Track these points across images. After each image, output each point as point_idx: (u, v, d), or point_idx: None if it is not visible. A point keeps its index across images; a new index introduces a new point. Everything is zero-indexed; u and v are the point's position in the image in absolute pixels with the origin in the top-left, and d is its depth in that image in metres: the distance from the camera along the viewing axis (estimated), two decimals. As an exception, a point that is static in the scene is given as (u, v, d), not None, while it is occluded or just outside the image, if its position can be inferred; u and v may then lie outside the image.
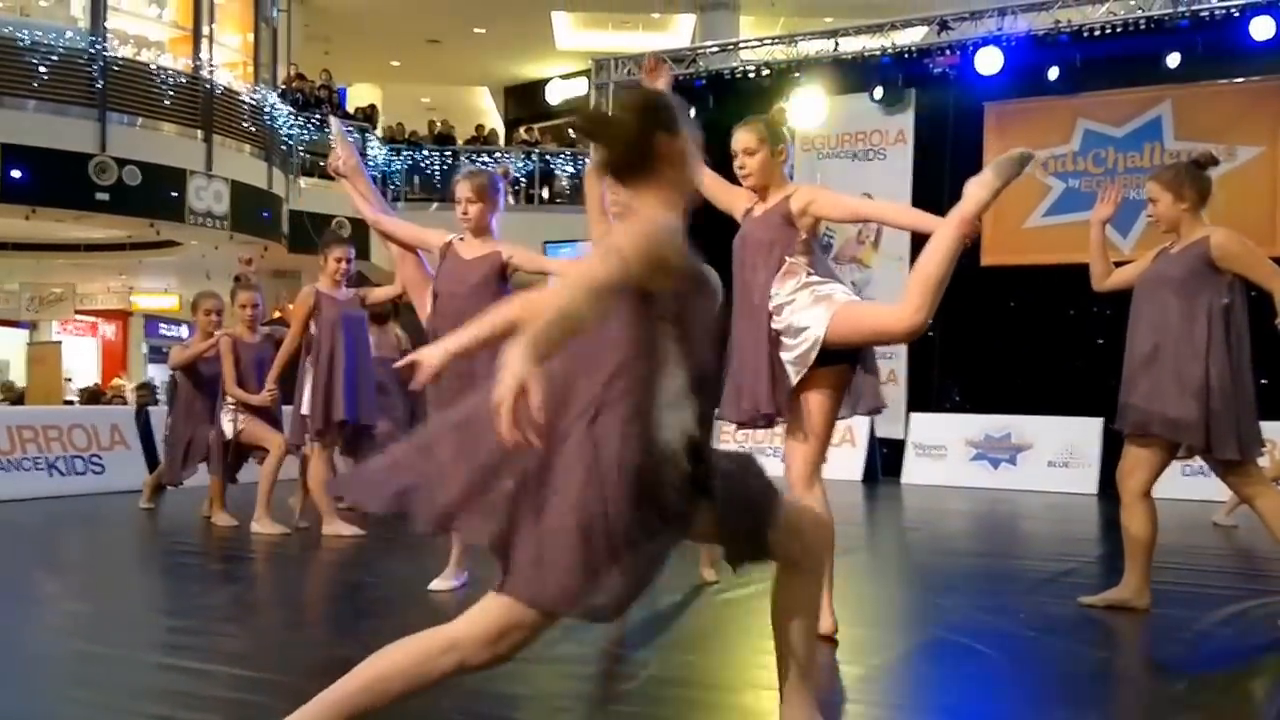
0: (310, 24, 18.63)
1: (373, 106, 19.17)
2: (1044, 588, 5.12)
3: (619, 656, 3.90)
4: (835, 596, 3.98)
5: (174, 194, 13.98)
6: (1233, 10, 10.14)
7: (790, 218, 3.87)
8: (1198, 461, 4.97)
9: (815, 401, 3.81)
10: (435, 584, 4.85)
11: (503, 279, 4.73)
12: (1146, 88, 10.61)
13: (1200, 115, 10.42)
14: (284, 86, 16.81)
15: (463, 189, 4.76)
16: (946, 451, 10.63)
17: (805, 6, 17.31)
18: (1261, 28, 9.79)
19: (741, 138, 4.00)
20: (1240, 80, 10.34)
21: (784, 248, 3.85)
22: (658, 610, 4.67)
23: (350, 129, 17.18)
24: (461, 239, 4.81)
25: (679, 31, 18.97)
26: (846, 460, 10.48)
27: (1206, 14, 10.29)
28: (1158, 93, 10.58)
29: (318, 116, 16.80)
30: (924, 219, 3.70)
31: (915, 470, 10.71)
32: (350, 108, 18.86)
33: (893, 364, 10.96)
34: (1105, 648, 4.08)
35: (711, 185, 4.07)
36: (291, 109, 16.34)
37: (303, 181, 16.57)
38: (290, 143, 16.32)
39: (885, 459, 10.90)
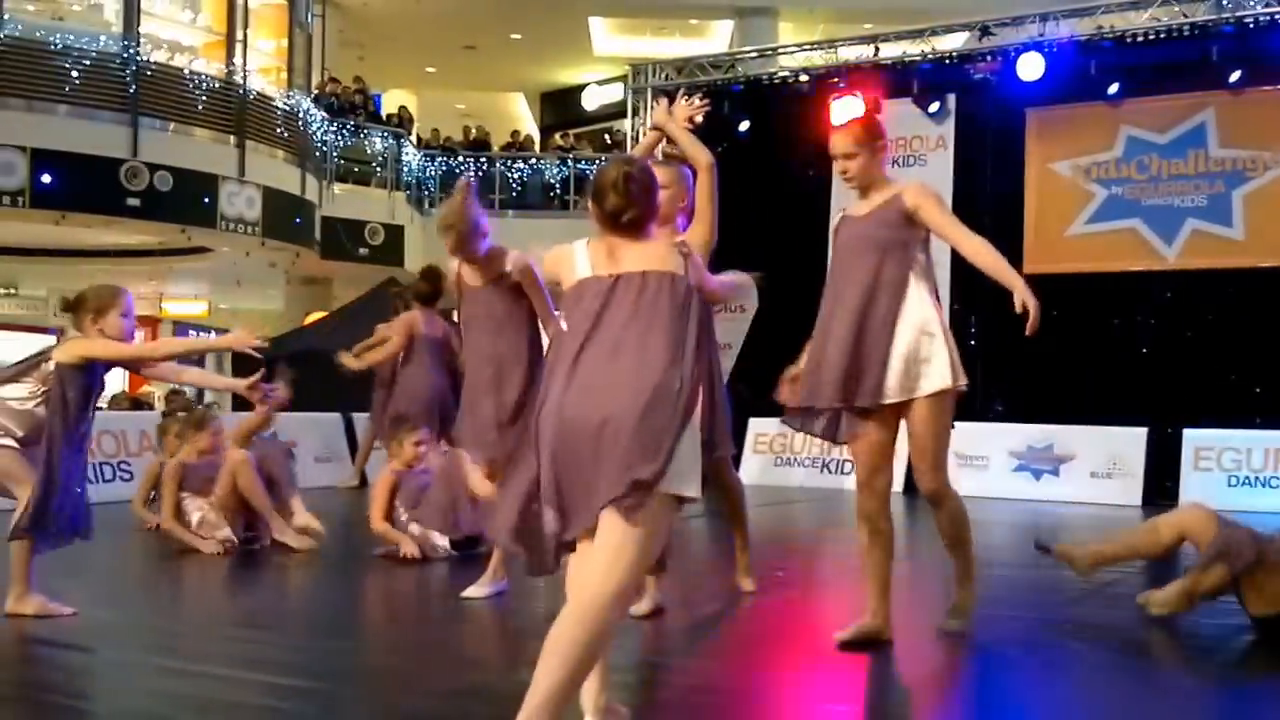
0: (345, 30, 18.70)
1: (405, 110, 19.19)
2: (1088, 599, 4.99)
3: (657, 665, 3.82)
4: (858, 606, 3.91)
5: (206, 200, 14.01)
6: (1276, 16, 9.93)
7: (908, 215, 3.88)
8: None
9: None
10: (471, 591, 4.80)
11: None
12: (1190, 94, 10.40)
13: (1245, 122, 10.21)
14: (318, 92, 16.86)
15: None
16: (988, 462, 10.45)
17: (844, 12, 17.20)
18: (1309, 33, 9.58)
19: (838, 143, 4.03)
20: (1287, 86, 10.13)
21: (904, 247, 3.87)
22: (694, 619, 4.58)
23: (385, 134, 17.24)
24: None
25: (717, 37, 18.90)
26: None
27: (1251, 20, 10.08)
28: (1202, 99, 10.37)
29: (352, 123, 16.85)
30: (1002, 269, 3.75)
31: (957, 481, 10.52)
32: (384, 114, 18.90)
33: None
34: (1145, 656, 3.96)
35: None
36: (326, 115, 16.38)
37: (336, 188, 16.60)
38: (324, 149, 16.35)
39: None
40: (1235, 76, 10.02)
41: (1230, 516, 4.50)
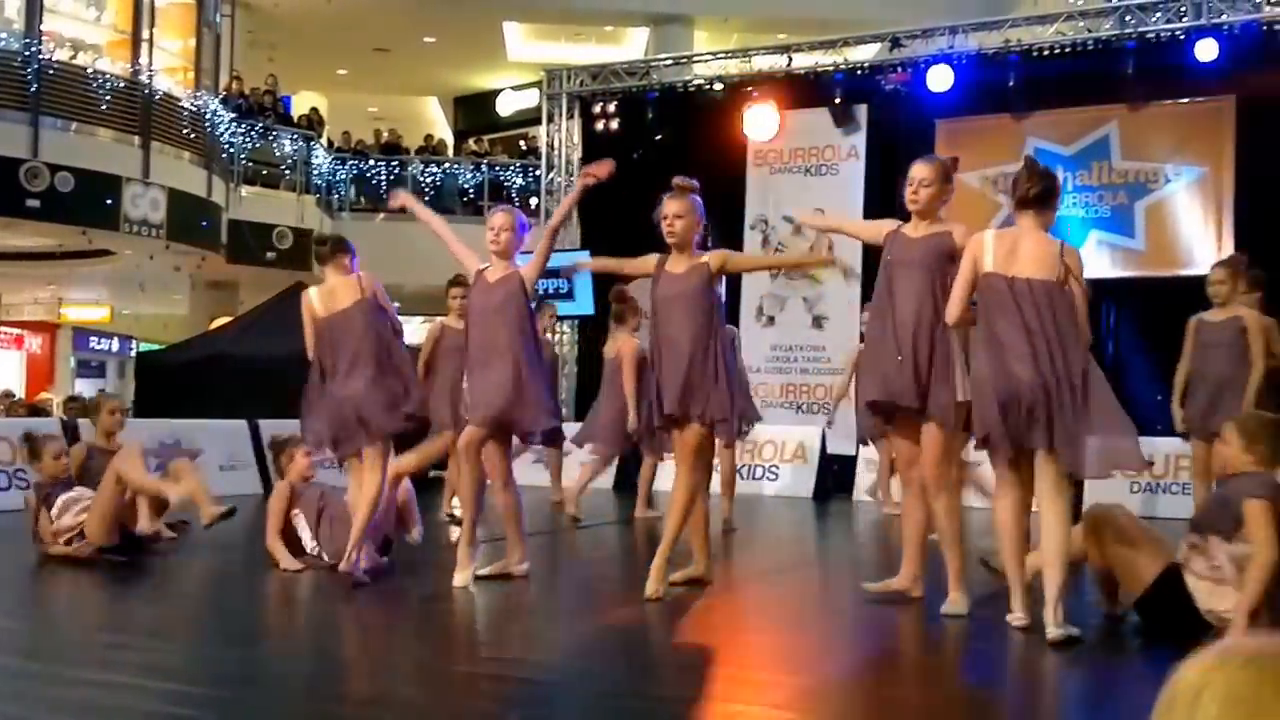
0: (254, 30, 18.30)
1: (316, 112, 18.84)
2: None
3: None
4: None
5: (108, 201, 13.57)
6: (1178, 33, 10.24)
7: (954, 253, 4.56)
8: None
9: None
10: (458, 579, 5.14)
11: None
12: (1094, 107, 10.68)
13: (1146, 135, 10.51)
14: (225, 93, 16.47)
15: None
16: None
17: (759, 22, 17.34)
18: (1205, 50, 9.89)
19: (920, 171, 4.72)
20: (1185, 101, 10.45)
21: (941, 276, 4.57)
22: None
23: (295, 136, 16.91)
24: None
25: (632, 44, 18.91)
26: (798, 477, 10.40)
27: (1153, 35, 10.39)
28: (1105, 112, 10.65)
29: (261, 124, 16.48)
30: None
31: (868, 486, 10.63)
32: (294, 116, 18.54)
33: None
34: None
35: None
36: (233, 116, 16.01)
37: (243, 190, 16.22)
38: (231, 150, 15.98)
39: (836, 475, 10.80)
40: (1136, 91, 10.31)
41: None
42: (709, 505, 5.43)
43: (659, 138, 12.11)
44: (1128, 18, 10.58)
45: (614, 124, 12.46)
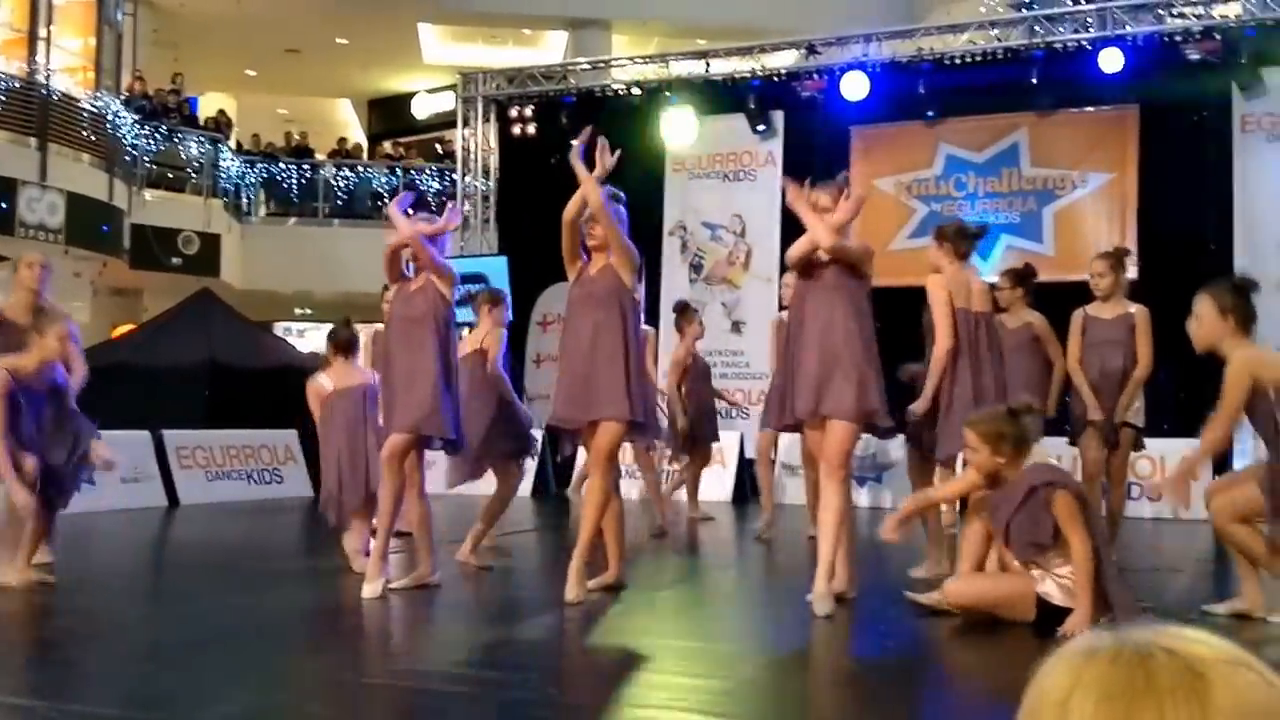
0: (159, 29, 17.78)
1: (224, 113, 18.39)
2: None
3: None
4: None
5: (3, 205, 13.06)
6: (1084, 43, 10.47)
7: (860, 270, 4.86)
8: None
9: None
10: (368, 590, 5.04)
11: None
12: (1004, 115, 10.87)
13: (1054, 142, 10.73)
14: (128, 94, 15.98)
15: None
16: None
17: (678, 27, 17.36)
18: (1110, 60, 10.12)
19: (821, 198, 4.89)
20: (1091, 109, 10.69)
21: (849, 293, 4.82)
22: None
23: (201, 138, 16.48)
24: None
25: (550, 48, 18.79)
26: (716, 481, 10.38)
27: (1060, 45, 10.61)
28: (1015, 120, 10.84)
29: (165, 126, 16.02)
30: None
31: (785, 490, 10.66)
32: (201, 117, 18.08)
33: (761, 384, 10.91)
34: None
35: None
36: (136, 117, 15.53)
37: (147, 194, 15.73)
38: (134, 153, 15.50)
39: (754, 479, 10.79)
40: (1044, 100, 10.52)
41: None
42: (623, 509, 5.36)
43: (574, 140, 12.01)
44: (1036, 28, 10.79)
45: (530, 128, 12.36)
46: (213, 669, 3.95)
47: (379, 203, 17.37)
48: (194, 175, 16.26)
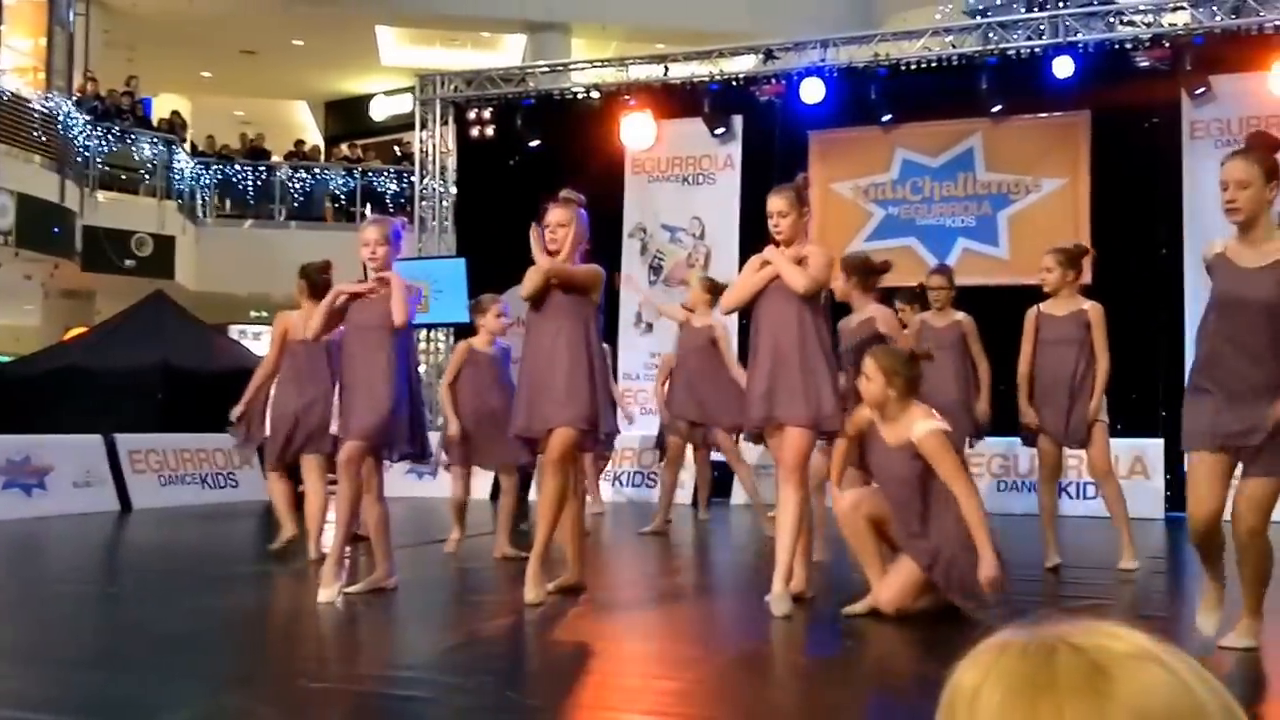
0: (111, 30, 17.57)
1: (178, 115, 18.18)
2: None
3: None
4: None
5: (-48, 207, 12.87)
6: (1037, 50, 10.60)
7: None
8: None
9: None
10: (324, 595, 4.98)
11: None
12: (959, 120, 10.97)
13: (1008, 148, 10.85)
14: (80, 95, 15.77)
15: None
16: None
17: (636, 31, 17.40)
18: (1062, 66, 10.26)
19: (778, 204, 4.86)
20: (1044, 115, 10.82)
21: (806, 300, 4.77)
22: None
23: (155, 139, 16.30)
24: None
25: (509, 51, 18.77)
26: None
27: (1013, 52, 10.74)
28: (969, 126, 10.95)
29: (118, 127, 15.82)
30: None
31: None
32: (155, 119, 17.86)
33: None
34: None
35: None
36: (89, 118, 15.33)
37: (100, 195, 15.52)
38: (86, 154, 15.29)
39: (715, 481, 10.79)
40: (998, 106, 10.65)
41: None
42: (583, 511, 5.37)
43: (534, 145, 12.03)
44: (990, 35, 10.92)
45: (489, 130, 12.33)
46: (165, 674, 3.90)
47: (336, 204, 17.27)
48: (148, 177, 16.08)
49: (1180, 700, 0.72)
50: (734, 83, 11.68)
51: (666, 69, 12.11)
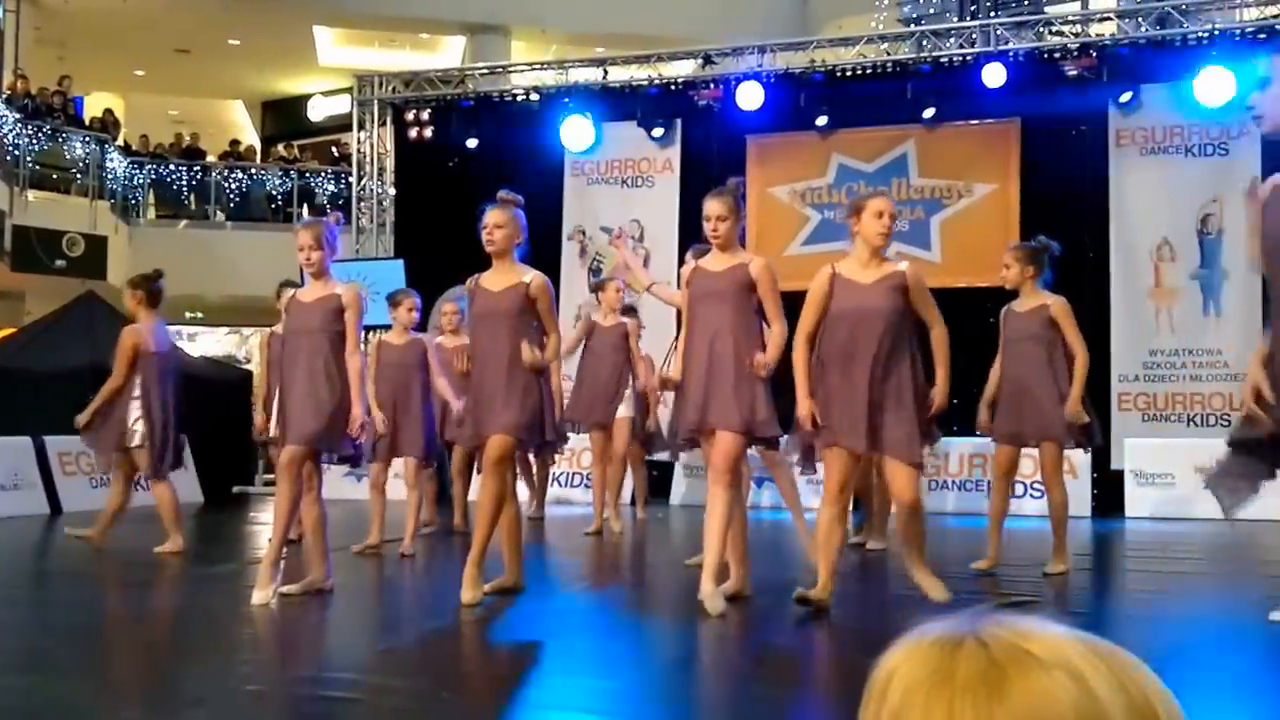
0: (42, 27, 17.22)
1: (111, 114, 17.87)
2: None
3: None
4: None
5: (-125, 206, 12.55)
6: (968, 58, 10.82)
7: (752, 285, 4.84)
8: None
9: None
10: (258, 597, 4.99)
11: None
12: (893, 127, 11.17)
13: (940, 154, 11.06)
14: (9, 93, 15.44)
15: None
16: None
17: (576, 35, 17.42)
18: (993, 75, 10.48)
19: (715, 208, 4.88)
20: (976, 122, 11.05)
21: (742, 307, 4.84)
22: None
23: (87, 138, 16.02)
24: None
25: (448, 52, 18.70)
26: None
27: (946, 60, 10.95)
28: (903, 132, 11.15)
29: (49, 126, 15.52)
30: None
31: (681, 492, 10.81)
32: (87, 117, 17.55)
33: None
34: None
35: None
36: (18, 116, 15.02)
37: (30, 195, 15.21)
38: (17, 153, 14.98)
39: (655, 481, 10.84)
40: (930, 112, 10.84)
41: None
42: (520, 512, 5.40)
43: (473, 146, 12.02)
44: (924, 42, 11.12)
45: (428, 132, 12.30)
46: (95, 678, 3.88)
47: (273, 205, 17.09)
48: (80, 176, 15.79)
49: (1077, 710, 0.68)
50: (673, 87, 11.78)
51: (606, 72, 12.17)
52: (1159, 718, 0.70)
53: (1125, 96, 10.35)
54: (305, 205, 16.81)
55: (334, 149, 18.58)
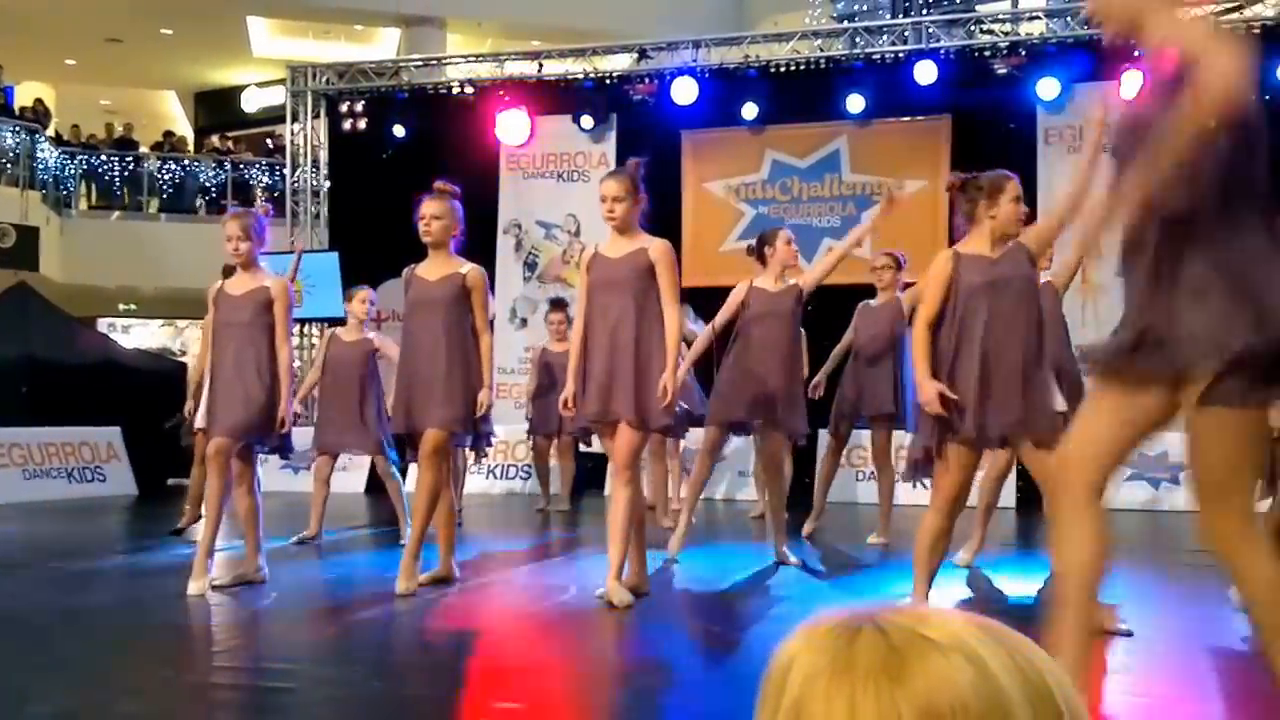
0: (-33, 14, 16.87)
1: (41, 103, 17.55)
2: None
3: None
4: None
5: None
6: (900, 55, 11.02)
7: (653, 269, 4.73)
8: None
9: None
10: (193, 588, 5.06)
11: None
12: (826, 123, 11.34)
13: (873, 150, 11.26)
14: (-65, 81, 15.13)
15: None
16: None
17: (512, 28, 17.41)
18: (924, 72, 10.69)
19: (612, 188, 4.74)
20: (907, 119, 11.25)
21: (641, 293, 4.72)
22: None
23: (17, 128, 15.73)
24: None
25: (384, 44, 18.60)
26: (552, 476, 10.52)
27: (878, 57, 11.14)
28: (836, 128, 11.33)
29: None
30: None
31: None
32: (16, 107, 17.21)
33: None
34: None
35: None
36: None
37: (-44, 187, 14.94)
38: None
39: (591, 473, 10.93)
40: (864, 109, 11.03)
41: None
42: (457, 506, 5.47)
43: (407, 138, 12.00)
44: (857, 39, 11.30)
45: (362, 124, 12.26)
46: (26, 669, 3.88)
47: (206, 197, 16.90)
48: (9, 166, 15.51)
49: (976, 692, 0.68)
50: (608, 81, 11.86)
51: (541, 66, 12.21)
52: (1054, 698, 0.71)
53: (1052, 94, 10.59)
54: (239, 197, 16.65)
55: (268, 141, 18.40)
